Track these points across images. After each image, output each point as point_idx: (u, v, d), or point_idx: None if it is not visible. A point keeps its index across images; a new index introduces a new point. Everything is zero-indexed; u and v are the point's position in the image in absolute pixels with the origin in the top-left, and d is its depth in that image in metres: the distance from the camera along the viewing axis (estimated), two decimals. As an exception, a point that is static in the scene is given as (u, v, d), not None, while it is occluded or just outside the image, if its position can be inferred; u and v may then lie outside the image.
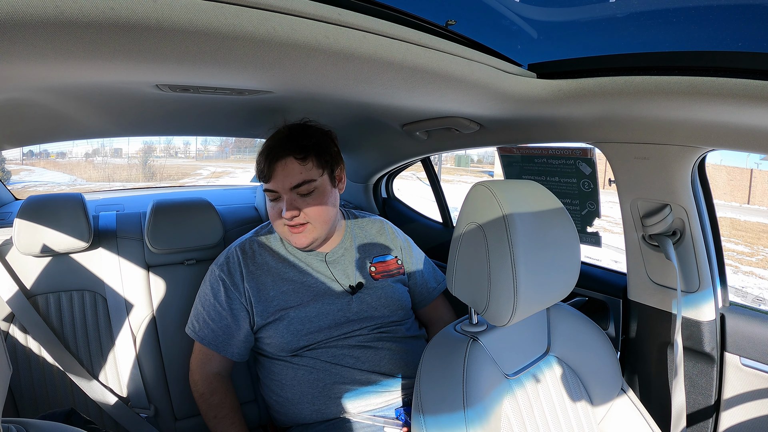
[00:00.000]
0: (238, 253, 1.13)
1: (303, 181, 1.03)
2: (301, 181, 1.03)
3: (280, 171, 1.03)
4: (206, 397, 1.10)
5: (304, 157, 1.04)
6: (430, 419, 0.70)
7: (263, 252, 1.13)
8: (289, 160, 1.03)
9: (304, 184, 1.03)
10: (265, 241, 1.15)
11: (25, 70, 0.57)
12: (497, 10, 0.83)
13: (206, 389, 1.10)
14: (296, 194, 1.04)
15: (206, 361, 1.11)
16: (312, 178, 1.04)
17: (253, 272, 1.10)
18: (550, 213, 0.78)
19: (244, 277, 1.09)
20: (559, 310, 0.92)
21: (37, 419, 0.52)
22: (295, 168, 1.03)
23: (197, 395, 1.11)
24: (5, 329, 1.23)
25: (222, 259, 1.14)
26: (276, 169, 1.03)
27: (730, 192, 17.38)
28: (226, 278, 1.09)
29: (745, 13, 0.66)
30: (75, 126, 1.14)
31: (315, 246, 1.12)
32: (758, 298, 7.09)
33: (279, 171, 1.03)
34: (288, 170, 1.03)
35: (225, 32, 0.47)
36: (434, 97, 0.86)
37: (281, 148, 1.04)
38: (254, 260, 1.11)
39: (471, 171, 26.49)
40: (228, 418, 1.09)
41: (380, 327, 1.11)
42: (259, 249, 1.14)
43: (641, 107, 0.79)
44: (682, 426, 0.94)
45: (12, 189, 1.80)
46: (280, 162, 1.03)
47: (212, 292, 1.10)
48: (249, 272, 1.09)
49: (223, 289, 1.08)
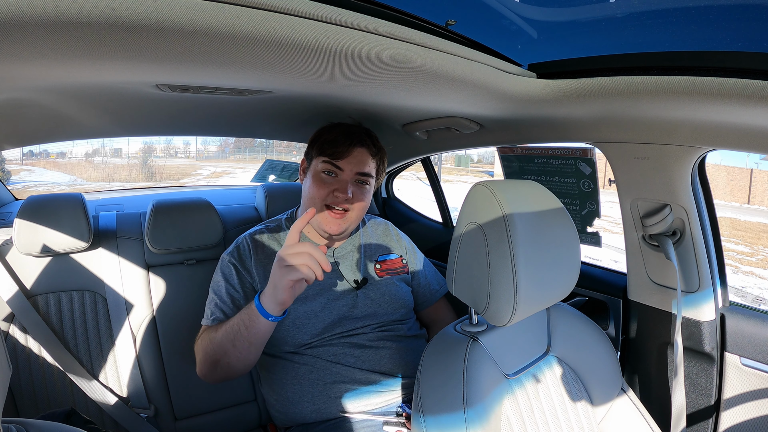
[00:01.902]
0: (249, 241, 1.14)
1: (367, 173, 1.11)
2: (366, 171, 1.11)
3: (356, 155, 1.09)
4: (207, 340, 1.01)
5: (374, 155, 1.14)
6: (430, 419, 0.70)
7: (273, 243, 1.15)
8: (365, 150, 1.11)
9: (366, 175, 1.11)
10: (274, 234, 1.17)
11: (25, 70, 0.57)
12: (497, 10, 0.83)
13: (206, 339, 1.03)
14: (356, 181, 1.10)
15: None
16: (373, 175, 1.14)
17: (261, 260, 1.11)
18: (550, 213, 0.78)
19: (253, 263, 1.10)
20: (559, 310, 0.92)
21: (37, 419, 0.52)
22: (368, 159, 1.12)
23: (200, 355, 1.02)
24: (5, 329, 1.23)
25: (232, 248, 1.15)
26: (353, 152, 1.09)
27: (730, 192, 17.39)
28: (237, 263, 1.10)
29: (745, 13, 0.66)
30: (75, 126, 1.14)
31: (343, 236, 1.16)
32: (758, 298, 7.09)
33: (355, 154, 1.09)
34: (362, 157, 1.10)
35: (225, 32, 0.47)
36: (434, 97, 0.86)
37: (360, 137, 1.11)
38: (263, 250, 1.13)
39: (471, 171, 26.50)
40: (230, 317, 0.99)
41: (382, 325, 1.12)
42: (268, 240, 1.15)
43: (641, 107, 0.79)
44: (682, 426, 0.94)
45: (12, 189, 1.80)
46: (358, 148, 1.10)
47: (224, 277, 1.10)
48: (258, 260, 1.11)
49: (235, 272, 1.09)
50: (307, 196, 1.11)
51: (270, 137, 1.74)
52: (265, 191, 1.55)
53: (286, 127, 1.42)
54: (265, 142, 29.70)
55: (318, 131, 1.16)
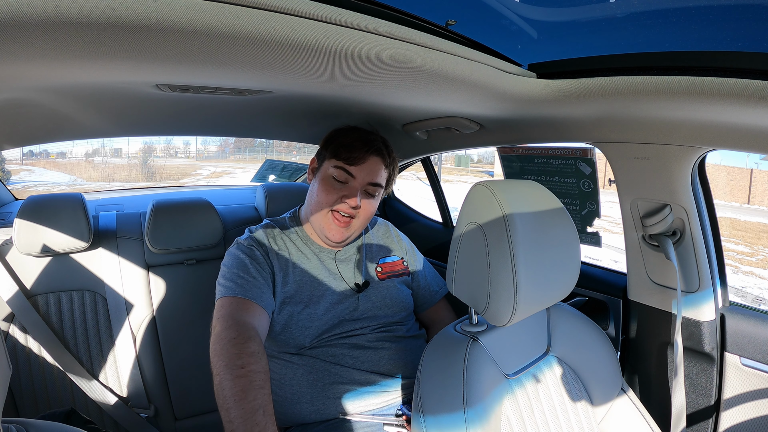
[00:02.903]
0: (263, 232, 1.14)
1: (378, 183, 1.10)
2: (378, 181, 1.10)
3: (370, 163, 1.08)
4: (238, 342, 0.83)
5: (387, 166, 1.13)
6: (430, 419, 0.70)
7: (284, 238, 1.15)
8: (379, 159, 1.10)
9: (377, 186, 1.10)
10: (283, 231, 1.17)
11: (25, 70, 0.57)
12: (497, 10, 0.83)
13: (239, 333, 0.85)
14: (365, 190, 1.09)
15: (239, 309, 0.93)
16: (382, 185, 1.13)
17: (276, 252, 1.11)
18: (550, 213, 0.78)
19: (269, 251, 1.09)
20: (559, 310, 0.92)
21: (37, 419, 0.52)
22: (381, 169, 1.11)
23: (223, 341, 0.84)
24: (5, 329, 1.23)
25: (248, 235, 1.13)
26: (368, 160, 1.07)
27: (730, 192, 17.39)
28: (257, 247, 1.09)
29: (745, 13, 0.66)
30: (75, 126, 1.14)
31: (346, 242, 1.16)
32: (758, 298, 7.08)
33: (370, 163, 1.08)
34: (376, 167, 1.09)
35: (225, 32, 0.47)
36: (434, 97, 0.86)
37: (378, 146, 1.09)
38: (276, 243, 1.13)
39: (471, 171, 26.49)
40: (261, 381, 0.79)
41: (382, 327, 1.12)
42: (280, 234, 1.15)
43: (641, 107, 0.79)
44: (682, 426, 0.94)
45: (12, 189, 1.80)
46: (373, 157, 1.08)
47: (246, 254, 1.05)
48: (272, 251, 1.10)
49: (259, 252, 1.07)
50: (314, 199, 1.10)
51: (270, 137, 1.74)
52: (265, 191, 1.55)
53: (286, 127, 1.42)
54: (265, 142, 29.70)
55: (334, 132, 1.14)
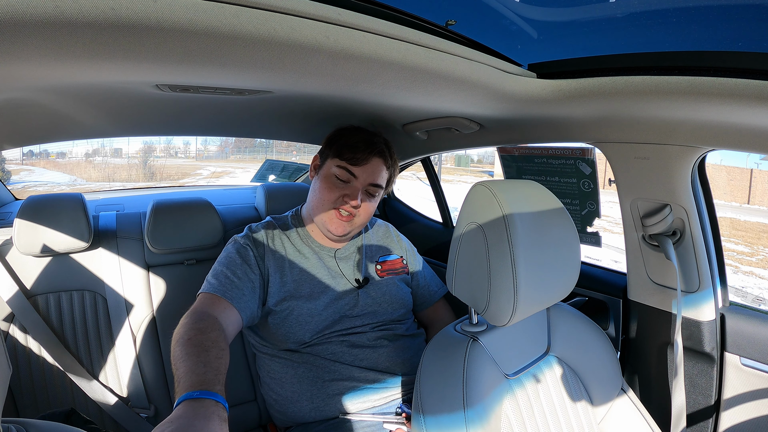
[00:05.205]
0: (261, 230, 1.15)
1: (379, 184, 1.13)
2: (379, 182, 1.12)
3: (373, 165, 1.10)
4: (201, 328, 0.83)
5: (389, 167, 1.16)
6: (430, 419, 0.70)
7: (283, 237, 1.15)
8: (381, 161, 1.12)
9: (378, 187, 1.13)
10: (284, 231, 1.18)
11: (25, 70, 0.57)
12: (497, 10, 0.83)
13: (205, 325, 0.85)
14: (366, 190, 1.11)
15: (212, 306, 0.94)
16: (383, 186, 1.15)
17: (273, 252, 1.11)
18: (550, 213, 0.78)
19: (266, 252, 1.10)
20: (559, 310, 0.92)
21: (37, 419, 0.52)
22: (382, 170, 1.13)
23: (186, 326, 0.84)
24: (5, 329, 1.23)
25: (246, 233, 1.14)
26: (370, 161, 1.10)
27: (730, 192, 17.38)
28: (252, 247, 1.10)
29: (745, 13, 0.66)
30: (75, 126, 1.14)
31: (348, 237, 1.17)
32: (758, 298, 7.08)
33: (372, 164, 1.10)
34: (377, 168, 1.12)
35: (225, 32, 0.47)
36: (434, 97, 0.86)
37: (380, 147, 1.12)
38: (274, 242, 1.14)
39: (471, 171, 26.48)
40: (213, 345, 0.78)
41: (381, 324, 1.12)
42: (279, 234, 1.16)
43: (641, 107, 0.79)
44: (682, 426, 0.94)
45: (12, 189, 1.80)
46: (376, 158, 1.11)
47: (239, 254, 1.07)
48: (269, 251, 1.11)
49: (252, 254, 1.08)
50: (317, 197, 1.12)
51: (270, 137, 1.74)
52: (265, 191, 1.55)
53: (286, 127, 1.42)
54: (265, 142, 29.70)
55: (337, 132, 1.16)
